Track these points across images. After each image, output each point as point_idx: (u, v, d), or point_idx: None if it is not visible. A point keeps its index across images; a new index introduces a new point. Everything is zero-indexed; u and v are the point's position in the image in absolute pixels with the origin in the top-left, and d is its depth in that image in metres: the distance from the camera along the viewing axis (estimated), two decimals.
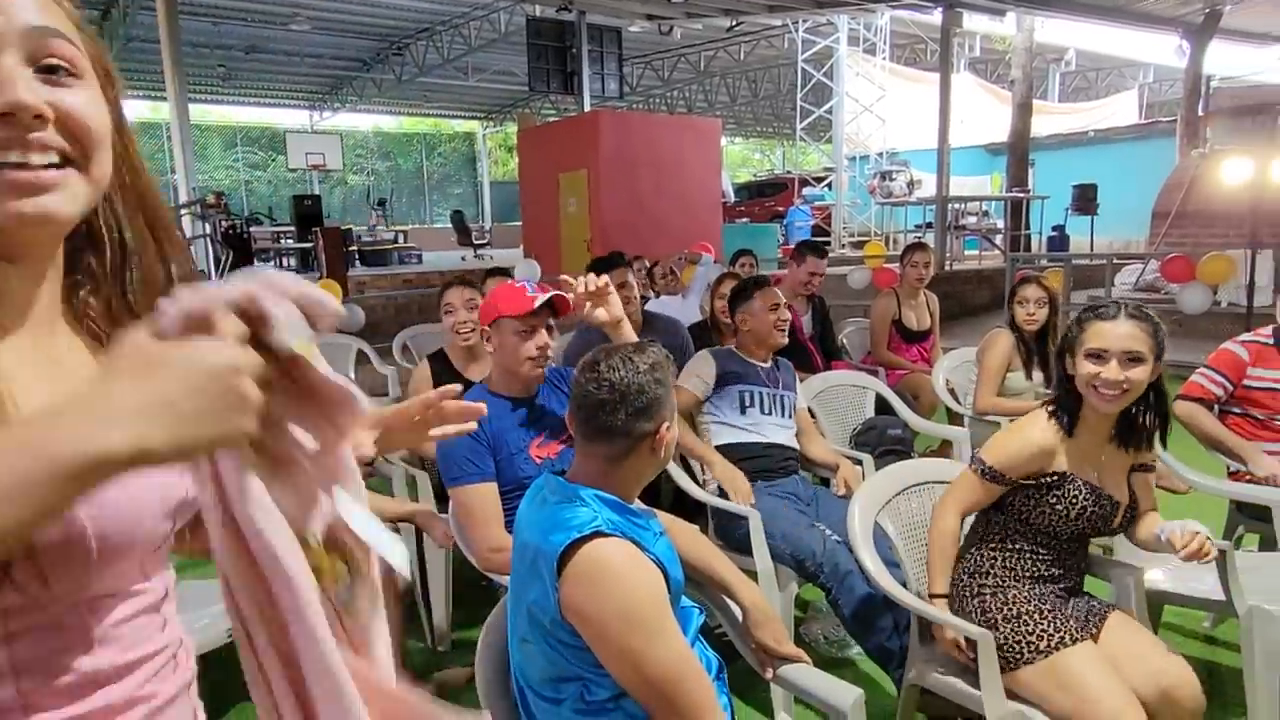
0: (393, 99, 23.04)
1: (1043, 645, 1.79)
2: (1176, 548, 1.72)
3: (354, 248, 13.98)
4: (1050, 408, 1.94)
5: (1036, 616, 1.83)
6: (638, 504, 1.51)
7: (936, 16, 12.16)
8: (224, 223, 9.59)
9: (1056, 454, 1.92)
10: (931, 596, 1.94)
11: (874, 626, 2.28)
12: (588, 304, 2.26)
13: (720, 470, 2.67)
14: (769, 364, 2.98)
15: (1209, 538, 1.73)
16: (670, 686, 1.28)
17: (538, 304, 2.21)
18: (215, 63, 18.30)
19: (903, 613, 2.18)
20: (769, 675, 1.70)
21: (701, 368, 2.89)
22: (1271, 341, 2.74)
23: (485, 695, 1.52)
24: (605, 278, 2.21)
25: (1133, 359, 1.78)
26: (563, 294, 2.30)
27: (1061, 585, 1.94)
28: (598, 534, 1.33)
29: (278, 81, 21.53)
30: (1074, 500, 1.88)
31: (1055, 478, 1.90)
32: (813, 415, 3.26)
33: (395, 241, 15.95)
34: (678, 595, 1.47)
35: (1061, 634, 1.80)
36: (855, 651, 2.60)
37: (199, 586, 2.47)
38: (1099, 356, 1.81)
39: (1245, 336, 2.82)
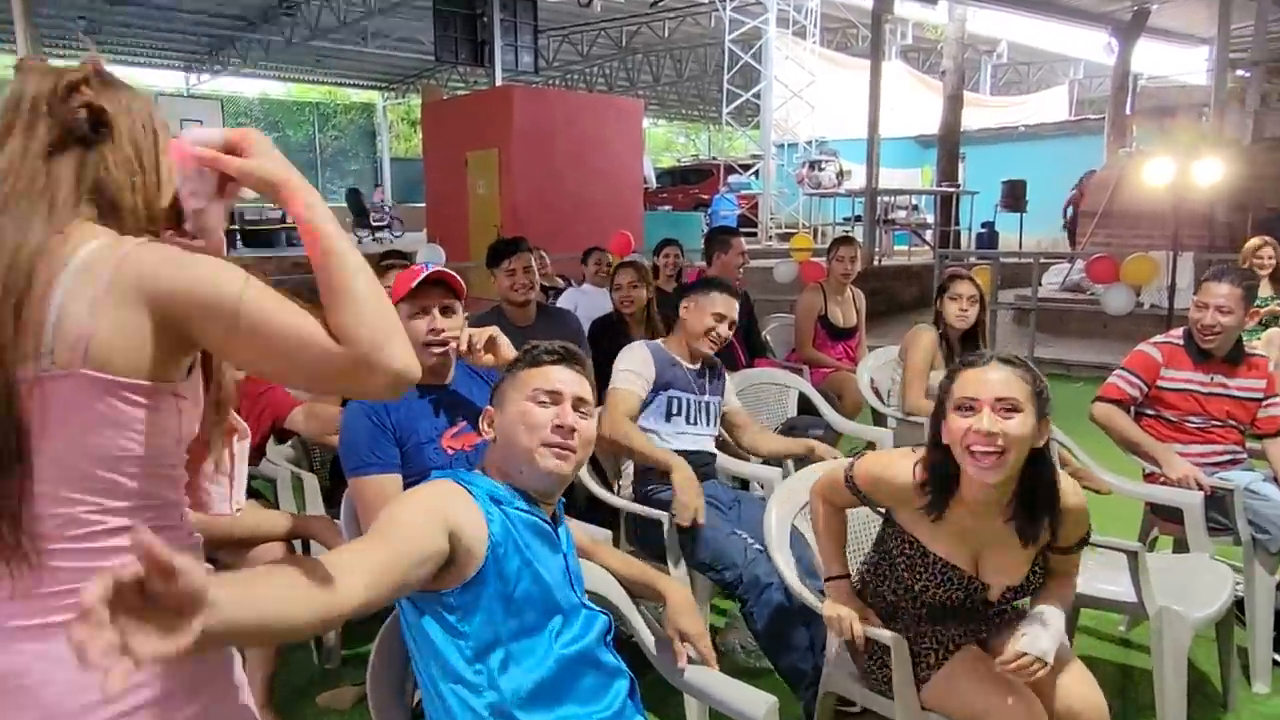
0: (282, 63, 22.36)
1: (931, 660, 1.85)
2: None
3: (234, 227, 13.49)
4: (919, 471, 1.78)
5: (918, 639, 1.88)
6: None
7: (868, 1, 12.43)
8: None
9: (898, 507, 1.87)
10: (827, 581, 1.95)
11: (788, 645, 2.29)
12: (480, 354, 2.23)
13: (680, 478, 2.55)
14: (698, 366, 2.95)
15: (1042, 661, 1.64)
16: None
17: (416, 282, 2.17)
18: (75, 14, 17.38)
19: (820, 630, 2.23)
20: (682, 664, 1.70)
21: (642, 367, 2.82)
22: (1182, 343, 2.89)
23: (378, 711, 1.51)
24: (491, 330, 2.18)
25: (1009, 407, 1.65)
26: (452, 273, 2.26)
27: (961, 640, 1.88)
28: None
29: (150, 38, 20.57)
30: (930, 579, 1.83)
31: (912, 546, 1.85)
32: None
33: (282, 222, 15.46)
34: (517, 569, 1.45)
35: (945, 644, 1.86)
36: None
37: None
38: (970, 408, 1.68)
39: (1158, 338, 2.96)
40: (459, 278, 2.25)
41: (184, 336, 1.03)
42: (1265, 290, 5.46)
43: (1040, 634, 1.70)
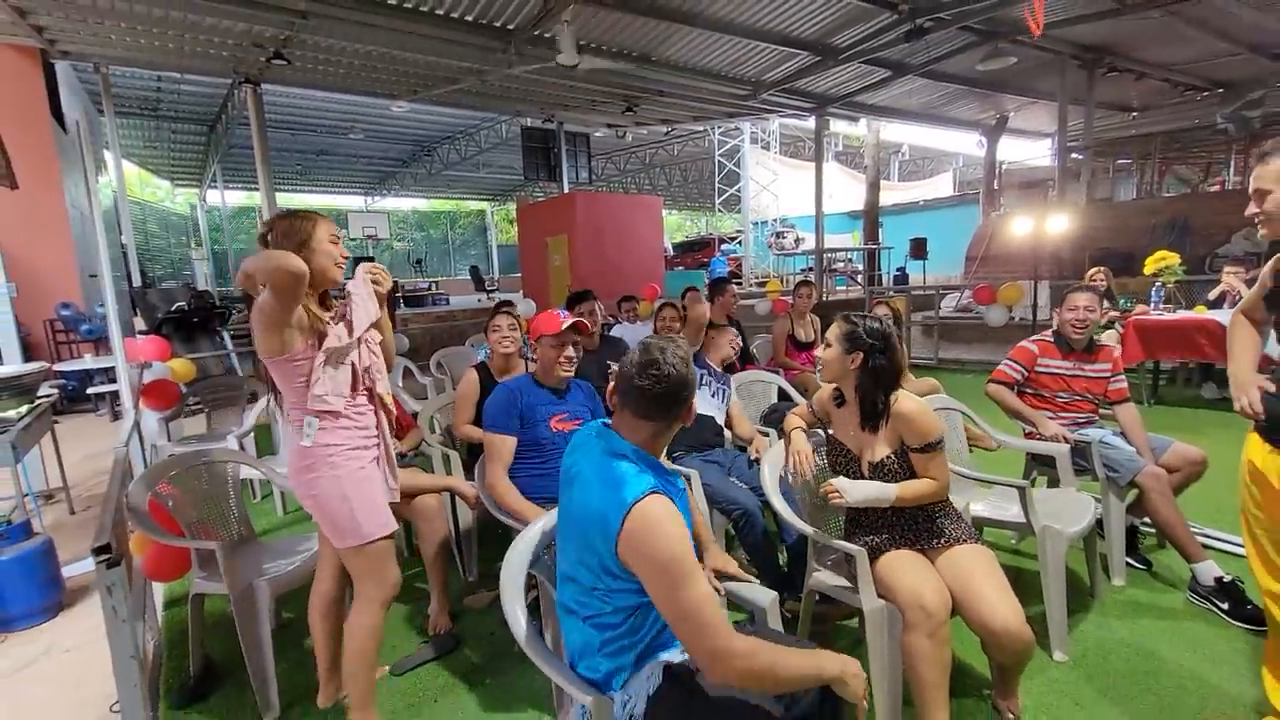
0: (426, 186, 22.78)
1: (882, 546, 1.80)
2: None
3: (400, 294, 13.77)
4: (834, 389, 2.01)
5: (871, 530, 1.86)
6: (665, 462, 1.41)
7: (811, 122, 12.39)
8: None
9: (830, 414, 2.01)
10: (791, 430, 2.11)
11: (765, 558, 2.32)
12: None
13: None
14: (720, 368, 3.01)
15: (839, 492, 1.79)
16: (694, 616, 1.19)
17: (564, 326, 2.35)
18: (294, 162, 17.94)
19: (798, 545, 2.20)
20: (721, 593, 1.65)
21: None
22: (1052, 339, 2.80)
23: (507, 600, 1.47)
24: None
25: (826, 344, 1.90)
26: (583, 319, 2.43)
27: (885, 519, 1.85)
28: (654, 492, 1.24)
29: (341, 175, 21.16)
30: (830, 455, 1.98)
31: (827, 436, 2.02)
32: None
33: (429, 290, 15.74)
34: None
35: (883, 540, 1.81)
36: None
37: (290, 540, 2.40)
38: None
39: (1035, 337, 2.85)
40: (588, 324, 2.44)
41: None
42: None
43: (855, 484, 1.81)
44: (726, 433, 2.94)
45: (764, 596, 1.56)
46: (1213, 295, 5.44)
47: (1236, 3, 7.67)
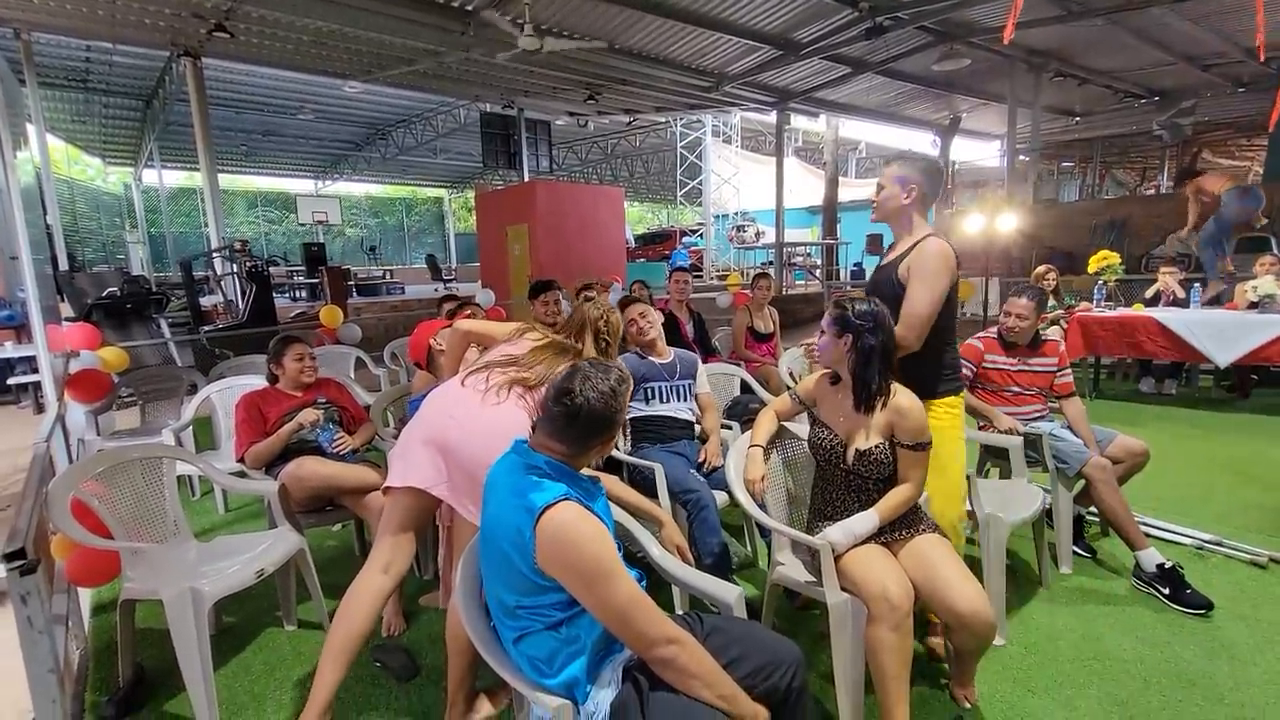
0: (379, 171, 22.14)
1: (827, 512, 1.82)
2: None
3: (352, 282, 13.34)
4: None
5: (834, 522, 1.84)
6: (589, 472, 1.41)
7: (772, 117, 12.48)
8: (248, 264, 8.94)
9: (817, 398, 1.99)
10: (751, 446, 2.03)
11: (710, 548, 2.27)
12: None
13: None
14: (669, 359, 2.82)
15: (830, 546, 1.74)
16: (625, 615, 1.22)
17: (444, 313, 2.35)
18: (239, 143, 17.16)
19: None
20: (682, 560, 1.71)
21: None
22: (996, 336, 2.86)
23: (463, 605, 1.42)
24: None
25: (820, 331, 1.90)
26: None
27: (849, 511, 1.84)
28: (565, 498, 1.25)
29: (289, 157, 20.34)
30: (814, 435, 1.94)
31: (812, 419, 1.99)
32: None
33: (383, 278, 15.31)
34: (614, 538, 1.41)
35: (835, 506, 1.82)
36: (735, 563, 2.59)
37: (231, 540, 2.27)
38: None
39: (980, 334, 2.91)
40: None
41: None
42: (1049, 301, 5.49)
43: (843, 529, 1.76)
44: (698, 426, 2.84)
45: (730, 592, 1.54)
46: (1149, 294, 5.70)
47: (1173, 14, 8.02)
